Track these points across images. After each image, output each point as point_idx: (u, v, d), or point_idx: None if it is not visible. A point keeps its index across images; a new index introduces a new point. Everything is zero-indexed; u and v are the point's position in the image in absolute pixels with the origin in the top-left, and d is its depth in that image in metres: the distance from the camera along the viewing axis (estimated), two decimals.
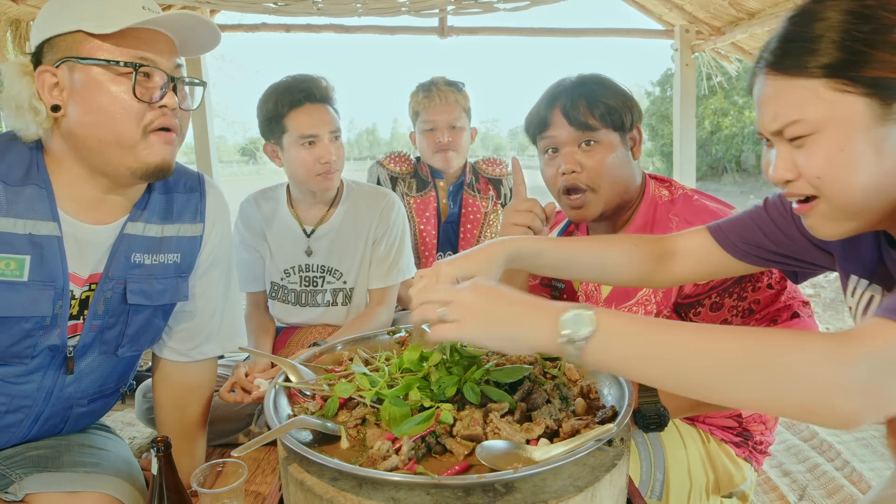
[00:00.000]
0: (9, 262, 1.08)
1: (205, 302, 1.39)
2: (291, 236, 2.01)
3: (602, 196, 1.33)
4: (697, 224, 1.25)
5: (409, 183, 2.49)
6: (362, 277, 2.01)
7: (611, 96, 1.33)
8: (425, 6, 2.50)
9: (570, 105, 1.31)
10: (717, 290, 1.29)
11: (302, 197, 2.00)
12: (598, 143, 1.32)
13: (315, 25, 3.67)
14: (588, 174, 1.31)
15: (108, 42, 1.06)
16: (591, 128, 1.31)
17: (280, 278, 2.04)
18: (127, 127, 1.08)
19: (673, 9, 3.78)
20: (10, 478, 1.17)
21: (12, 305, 1.09)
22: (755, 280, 1.27)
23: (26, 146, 1.14)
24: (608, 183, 1.32)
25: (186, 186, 1.32)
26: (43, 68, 1.08)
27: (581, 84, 1.35)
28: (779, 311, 1.27)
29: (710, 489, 1.41)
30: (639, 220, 1.38)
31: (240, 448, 0.76)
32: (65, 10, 1.09)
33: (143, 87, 1.09)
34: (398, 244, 2.02)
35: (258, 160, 52.65)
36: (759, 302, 1.27)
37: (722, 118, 21.85)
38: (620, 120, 1.33)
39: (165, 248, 1.27)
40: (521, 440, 0.78)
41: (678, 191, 1.39)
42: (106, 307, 1.21)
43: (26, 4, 2.79)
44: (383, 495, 0.71)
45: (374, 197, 2.02)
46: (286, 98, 1.83)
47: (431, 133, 2.37)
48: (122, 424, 2.45)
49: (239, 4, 2.47)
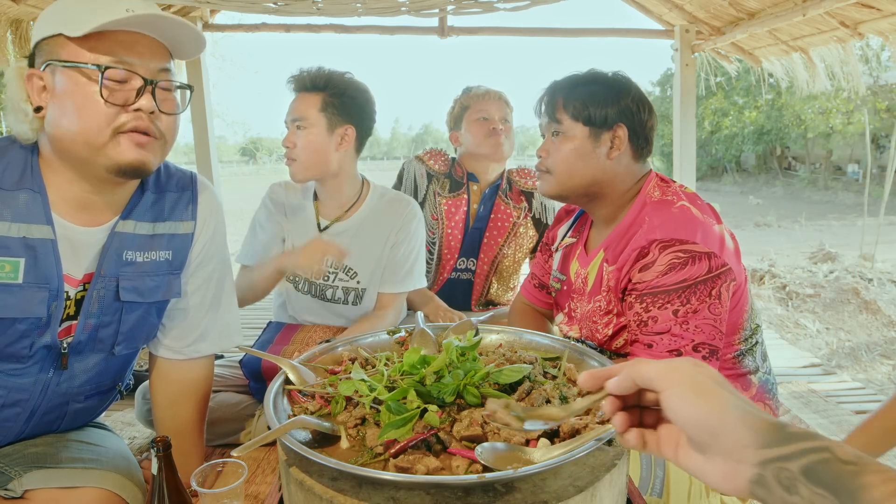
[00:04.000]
0: (3, 264, 1.10)
1: (197, 299, 1.39)
2: (305, 227, 2.01)
3: (555, 179, 1.45)
4: (663, 231, 1.29)
5: (442, 182, 2.47)
6: (375, 280, 2.01)
7: (591, 94, 1.40)
8: (425, 6, 2.49)
9: (549, 97, 1.47)
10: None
11: (322, 190, 2.01)
12: (563, 135, 1.44)
13: (315, 25, 3.67)
14: (549, 159, 1.46)
15: (84, 46, 1.07)
16: (558, 121, 1.44)
17: None
18: (94, 127, 1.08)
19: (673, 9, 3.78)
20: (10, 475, 1.17)
21: (8, 307, 1.10)
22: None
23: (23, 149, 1.15)
24: (563, 170, 1.44)
25: (178, 185, 1.33)
26: (31, 72, 1.11)
27: (568, 82, 1.46)
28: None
29: (710, 488, 1.41)
30: (627, 220, 1.41)
31: (240, 448, 0.76)
32: (52, 14, 1.11)
33: (113, 90, 1.09)
34: (415, 253, 2.02)
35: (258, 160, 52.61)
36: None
37: (722, 118, 21.84)
38: (594, 117, 1.40)
39: (157, 245, 1.28)
40: (521, 440, 0.78)
41: (671, 193, 1.40)
42: (100, 305, 1.22)
43: (26, 4, 2.80)
44: (383, 495, 0.71)
45: (398, 203, 2.02)
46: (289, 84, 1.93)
47: (484, 122, 2.36)
48: (122, 424, 2.45)
49: (239, 4, 2.47)
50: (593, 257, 1.47)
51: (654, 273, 1.27)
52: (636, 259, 1.31)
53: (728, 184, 23.74)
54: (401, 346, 1.15)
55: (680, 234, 1.28)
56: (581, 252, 1.54)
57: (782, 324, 4.88)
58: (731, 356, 1.42)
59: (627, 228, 1.39)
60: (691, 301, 1.25)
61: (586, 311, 1.47)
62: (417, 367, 0.91)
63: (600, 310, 1.42)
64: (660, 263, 1.27)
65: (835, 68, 3.55)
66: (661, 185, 1.44)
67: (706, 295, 1.25)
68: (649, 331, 1.28)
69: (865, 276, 5.77)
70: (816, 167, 22.51)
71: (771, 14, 3.29)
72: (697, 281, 1.24)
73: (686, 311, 1.25)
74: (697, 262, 1.25)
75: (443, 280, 2.48)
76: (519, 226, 2.43)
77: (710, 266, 1.25)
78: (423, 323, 1.17)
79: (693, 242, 1.26)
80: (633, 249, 1.33)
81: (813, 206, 15.92)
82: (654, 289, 1.27)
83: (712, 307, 1.25)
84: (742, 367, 1.43)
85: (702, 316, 1.25)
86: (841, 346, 4.37)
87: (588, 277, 1.48)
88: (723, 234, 1.32)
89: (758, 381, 1.45)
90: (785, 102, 19.15)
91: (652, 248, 1.29)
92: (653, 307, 1.27)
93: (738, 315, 1.40)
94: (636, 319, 1.30)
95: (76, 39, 1.06)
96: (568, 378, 0.97)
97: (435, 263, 2.47)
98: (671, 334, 1.25)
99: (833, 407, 2.78)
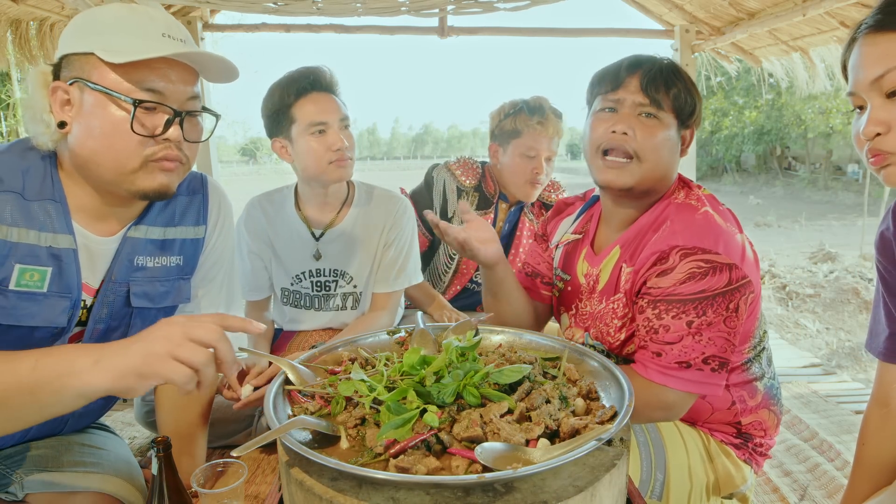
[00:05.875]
0: (33, 273, 1.10)
1: (207, 303, 1.39)
2: (299, 240, 1.96)
3: (643, 167, 1.32)
4: (685, 237, 1.25)
5: (472, 197, 2.36)
6: (371, 281, 1.98)
7: (688, 87, 1.36)
8: (425, 6, 2.49)
9: (650, 76, 1.32)
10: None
11: (312, 197, 1.94)
12: (657, 119, 1.32)
13: (315, 25, 3.67)
14: (639, 142, 1.31)
15: (118, 71, 1.06)
16: (659, 103, 1.32)
17: (290, 283, 2.00)
18: (125, 156, 1.08)
19: (673, 9, 3.78)
20: (10, 477, 1.17)
21: (31, 315, 1.10)
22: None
23: (41, 157, 1.14)
24: (653, 157, 1.32)
25: (189, 189, 1.33)
26: (57, 84, 1.09)
27: (667, 64, 1.38)
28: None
29: (710, 490, 1.41)
30: (648, 218, 1.36)
31: (240, 448, 0.76)
32: (86, 28, 1.09)
33: (144, 122, 1.08)
34: (407, 249, 1.99)
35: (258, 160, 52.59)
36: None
37: (722, 118, 21.85)
38: (686, 111, 1.36)
39: (168, 250, 1.28)
40: (521, 440, 0.78)
41: (694, 198, 1.36)
42: (109, 311, 1.22)
43: (26, 4, 2.79)
44: (383, 495, 0.71)
45: (387, 200, 1.98)
46: (292, 88, 1.79)
47: (530, 160, 2.25)
48: (122, 424, 2.46)
49: (239, 4, 2.47)
50: (605, 255, 1.41)
51: (673, 280, 1.22)
52: (654, 263, 1.26)
53: (728, 184, 23.73)
54: (401, 346, 1.15)
55: (703, 243, 1.23)
56: (588, 251, 1.48)
57: (782, 324, 4.88)
58: (741, 363, 1.39)
59: (648, 227, 1.35)
60: (707, 313, 1.20)
61: (598, 311, 1.40)
62: (417, 367, 0.91)
63: (615, 313, 1.36)
64: (679, 271, 1.22)
65: (835, 68, 3.55)
66: (685, 187, 1.40)
67: (723, 308, 1.20)
68: (660, 339, 1.23)
69: (865, 276, 5.77)
70: (816, 167, 22.51)
71: (771, 14, 3.29)
72: (716, 293, 1.20)
73: (701, 323, 1.20)
74: (718, 273, 1.20)
75: (456, 291, 2.46)
76: None
77: (730, 278, 1.20)
78: (423, 323, 1.17)
79: (716, 252, 1.21)
80: (652, 252, 1.28)
81: (813, 206, 15.92)
82: (669, 296, 1.23)
83: (728, 320, 1.21)
84: (749, 373, 1.41)
85: (716, 329, 1.21)
86: (841, 346, 4.37)
87: (600, 276, 1.42)
88: (744, 245, 1.28)
89: (763, 387, 1.43)
90: (785, 102, 19.17)
91: (672, 254, 1.24)
92: (666, 315, 1.23)
93: (751, 323, 1.36)
94: (646, 325, 1.26)
95: (110, 64, 1.05)
96: (568, 378, 0.97)
97: (452, 273, 2.44)
98: (682, 345, 1.21)
99: (833, 407, 2.78)
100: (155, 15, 1.10)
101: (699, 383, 1.22)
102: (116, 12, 1.09)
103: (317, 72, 1.81)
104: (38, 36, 3.01)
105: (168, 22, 1.11)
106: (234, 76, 1.19)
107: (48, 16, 2.95)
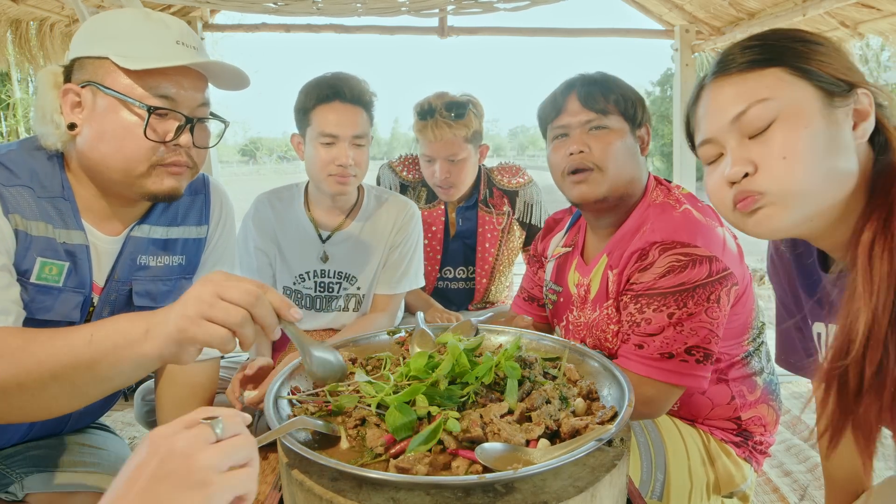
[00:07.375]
0: (52, 266, 1.11)
1: None
2: (306, 240, 1.96)
3: (608, 177, 1.35)
4: (664, 233, 1.27)
5: (419, 192, 2.37)
6: (374, 283, 1.99)
7: (624, 90, 1.39)
8: (425, 6, 2.50)
9: (585, 90, 1.37)
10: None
11: (321, 199, 1.94)
12: (608, 129, 1.36)
13: (315, 25, 3.68)
14: (596, 154, 1.35)
15: (131, 76, 1.06)
16: (604, 111, 1.35)
17: (293, 283, 2.00)
18: (135, 160, 1.09)
19: (673, 9, 3.78)
20: (11, 477, 1.17)
21: (45, 309, 1.11)
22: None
23: (48, 157, 1.15)
24: (614, 165, 1.35)
25: (191, 189, 1.33)
26: (69, 86, 1.09)
27: (598, 76, 1.42)
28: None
29: (710, 489, 1.41)
30: (631, 223, 1.39)
31: None
32: (100, 32, 1.09)
33: (156, 127, 1.09)
34: (412, 253, 1.99)
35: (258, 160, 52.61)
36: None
37: None
38: (633, 111, 1.38)
39: (171, 249, 1.29)
40: (521, 441, 0.78)
41: (672, 198, 1.38)
42: (111, 310, 1.22)
43: (26, 4, 2.80)
44: (383, 496, 0.71)
45: (396, 205, 1.99)
46: (315, 91, 1.79)
47: (430, 164, 2.20)
48: (122, 424, 2.46)
49: (239, 4, 2.48)
50: (594, 265, 1.44)
51: (653, 275, 1.25)
52: (635, 260, 1.29)
53: None
54: (400, 347, 1.14)
55: (681, 237, 1.25)
56: (579, 262, 1.51)
57: None
58: (741, 357, 1.40)
59: (632, 232, 1.37)
60: (688, 304, 1.22)
61: (593, 320, 1.42)
62: (427, 372, 0.90)
63: (610, 318, 1.38)
64: (659, 265, 1.25)
65: None
66: (662, 188, 1.43)
67: (704, 299, 1.22)
68: (641, 331, 1.25)
69: None
70: None
71: (771, 14, 3.29)
72: (696, 285, 1.22)
73: (682, 314, 1.22)
74: (698, 265, 1.22)
75: (427, 291, 2.42)
76: (506, 231, 2.36)
77: (710, 270, 1.22)
78: (423, 323, 1.17)
79: (694, 246, 1.24)
80: (632, 252, 1.31)
81: None
82: (650, 290, 1.25)
83: (710, 311, 1.23)
84: (749, 368, 1.42)
85: (698, 319, 1.22)
86: None
87: (591, 285, 1.44)
88: (725, 237, 1.30)
89: (763, 382, 1.44)
90: None
91: (652, 250, 1.26)
92: (647, 308, 1.25)
93: (748, 315, 1.37)
94: (629, 320, 1.28)
95: (124, 69, 1.06)
96: (568, 378, 0.97)
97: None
98: (664, 336, 1.23)
99: None
100: (169, 22, 1.12)
101: (682, 374, 1.23)
102: (132, 18, 1.10)
103: (344, 81, 1.80)
104: (38, 36, 3.01)
105: (182, 30, 1.12)
106: (244, 84, 1.20)
107: (48, 16, 2.96)
